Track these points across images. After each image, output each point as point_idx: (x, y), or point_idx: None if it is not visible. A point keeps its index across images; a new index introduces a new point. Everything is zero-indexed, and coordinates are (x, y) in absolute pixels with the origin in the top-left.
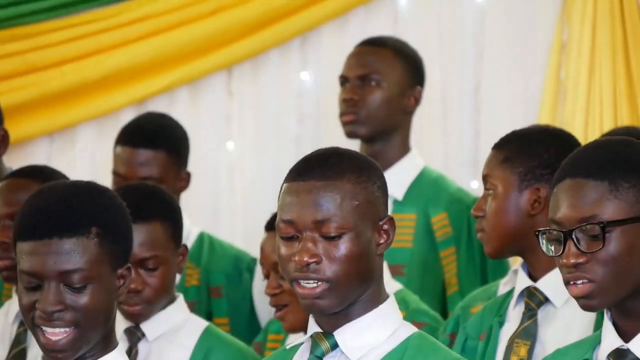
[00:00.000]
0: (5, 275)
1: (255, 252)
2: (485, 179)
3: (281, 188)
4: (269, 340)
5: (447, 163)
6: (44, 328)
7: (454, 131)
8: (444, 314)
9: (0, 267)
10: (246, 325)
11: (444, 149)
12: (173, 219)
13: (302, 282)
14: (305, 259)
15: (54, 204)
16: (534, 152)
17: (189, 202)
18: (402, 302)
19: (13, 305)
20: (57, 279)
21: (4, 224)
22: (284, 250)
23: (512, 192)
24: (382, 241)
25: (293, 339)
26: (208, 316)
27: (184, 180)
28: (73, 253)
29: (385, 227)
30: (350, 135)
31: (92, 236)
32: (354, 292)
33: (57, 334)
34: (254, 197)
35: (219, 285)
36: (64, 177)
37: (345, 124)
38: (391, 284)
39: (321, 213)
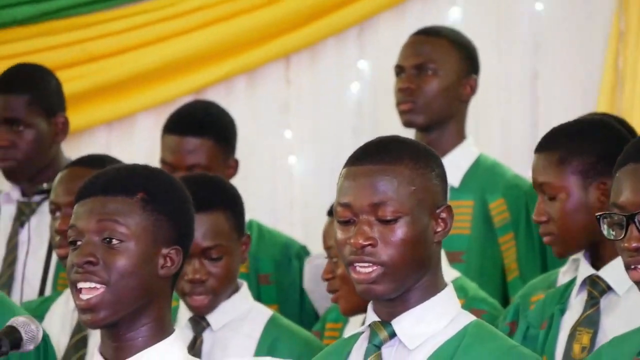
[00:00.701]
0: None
1: (313, 240)
2: (541, 186)
3: (341, 173)
4: (327, 329)
5: (505, 152)
6: (78, 285)
7: (512, 120)
8: (505, 300)
9: (61, 255)
10: (295, 313)
11: (502, 138)
12: (235, 209)
13: (358, 267)
14: (361, 241)
15: (108, 169)
16: (589, 147)
17: (246, 190)
18: (461, 290)
19: None
20: (95, 233)
21: (65, 213)
22: (340, 234)
23: (577, 193)
24: (439, 229)
25: (351, 328)
26: None
27: (232, 167)
28: (114, 209)
29: (443, 215)
30: (407, 124)
31: (136, 199)
32: (410, 278)
33: (88, 290)
34: (312, 185)
35: (267, 273)
36: None
37: (402, 113)
38: (449, 272)
39: (377, 196)
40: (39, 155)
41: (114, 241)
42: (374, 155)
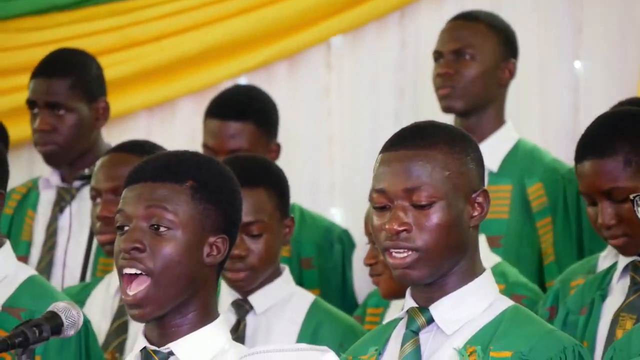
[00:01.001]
0: (108, 249)
1: (354, 224)
2: (609, 192)
3: (377, 159)
4: (368, 314)
5: (545, 137)
6: (124, 270)
7: (552, 105)
8: (541, 284)
9: (103, 241)
10: (337, 297)
11: (542, 123)
12: (279, 189)
13: (393, 252)
14: (395, 227)
15: (158, 155)
16: None
17: (288, 175)
18: (501, 275)
19: (114, 279)
20: (143, 219)
21: (106, 199)
22: (376, 220)
23: None
24: (475, 213)
25: (392, 313)
26: None
27: (274, 151)
28: (164, 196)
29: (479, 199)
30: (446, 109)
31: (185, 186)
32: (446, 264)
33: (135, 280)
34: (353, 170)
35: (310, 257)
36: (164, 150)
37: (441, 98)
38: (490, 257)
39: (411, 181)
40: (80, 140)
41: (162, 228)
42: (408, 140)
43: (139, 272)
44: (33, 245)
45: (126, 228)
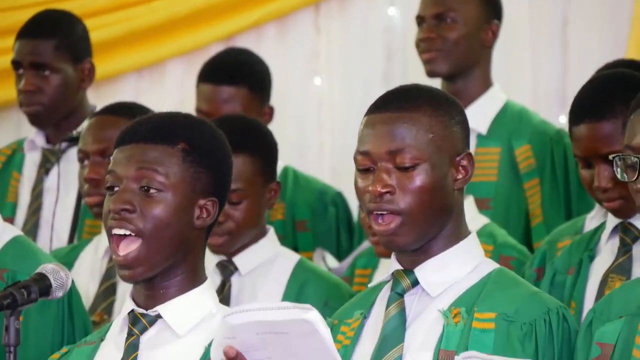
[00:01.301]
0: (96, 211)
1: (342, 187)
2: (607, 155)
3: (361, 122)
4: (356, 275)
5: (535, 98)
6: (113, 231)
7: (542, 66)
8: (529, 246)
9: (91, 203)
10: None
11: (532, 84)
12: (263, 154)
13: (378, 219)
14: (379, 188)
15: (150, 117)
16: None
17: (277, 137)
18: (490, 236)
19: (103, 241)
20: (133, 180)
21: (94, 161)
22: (360, 182)
23: None
24: (460, 176)
25: (380, 274)
26: (294, 250)
27: (267, 114)
28: (154, 158)
29: (464, 162)
30: (430, 74)
31: (177, 149)
32: (431, 228)
33: (125, 241)
34: (341, 132)
35: (304, 219)
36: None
37: (425, 62)
38: (478, 219)
39: (395, 143)
40: (65, 100)
41: (152, 190)
42: (393, 103)
43: (128, 232)
44: (18, 207)
45: (116, 189)
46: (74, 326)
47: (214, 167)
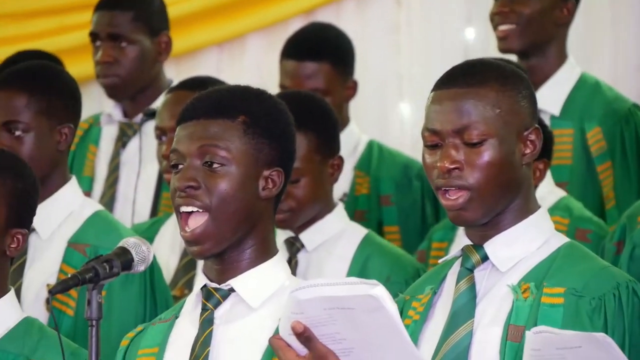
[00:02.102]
0: None
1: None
2: None
3: (428, 97)
4: (432, 249)
5: (616, 71)
6: (180, 209)
7: (624, 38)
8: None
9: (170, 179)
10: (417, 233)
11: (614, 57)
12: (318, 130)
13: (447, 194)
14: (447, 164)
15: (210, 91)
16: None
17: (358, 111)
18: (566, 210)
19: None
20: (197, 156)
21: (171, 137)
22: (428, 158)
23: None
24: (527, 151)
25: (457, 246)
26: (379, 224)
27: (351, 88)
28: (216, 133)
29: (532, 137)
30: (504, 50)
31: (238, 122)
32: (499, 202)
33: (193, 217)
34: (422, 106)
35: (388, 194)
36: None
37: (499, 38)
38: (555, 192)
39: (462, 120)
40: (141, 73)
41: (215, 165)
42: (459, 78)
43: (195, 209)
44: (95, 181)
45: (180, 166)
46: (156, 301)
47: (276, 137)
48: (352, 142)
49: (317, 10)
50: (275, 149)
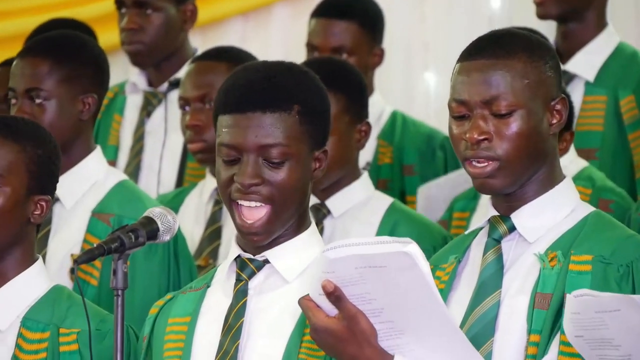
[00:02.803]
0: (199, 157)
1: (446, 131)
2: None
3: (454, 68)
4: (454, 219)
5: None
6: (240, 202)
7: None
8: (635, 198)
9: (194, 150)
10: None
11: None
12: (348, 93)
13: (473, 162)
14: (476, 136)
15: (258, 80)
16: None
17: (382, 80)
18: (588, 179)
19: (207, 185)
20: (256, 152)
21: (194, 108)
22: (455, 129)
23: None
24: (554, 121)
25: (478, 218)
26: (401, 194)
27: (378, 56)
28: (274, 127)
29: (558, 107)
30: (541, 16)
31: (293, 113)
32: (526, 172)
33: (253, 214)
34: (447, 75)
35: (411, 164)
36: (252, 57)
37: (537, 4)
38: (577, 161)
39: (491, 91)
40: (166, 40)
41: (275, 159)
42: (487, 49)
43: (258, 204)
44: (120, 150)
45: (240, 158)
46: (180, 271)
47: (324, 120)
48: (376, 112)
49: None
50: (323, 130)
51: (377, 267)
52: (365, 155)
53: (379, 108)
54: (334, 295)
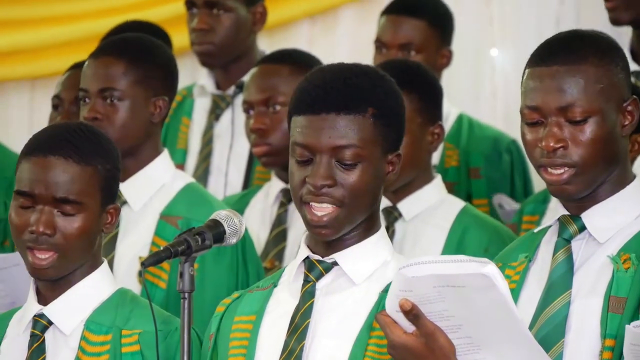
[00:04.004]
0: (264, 160)
1: (514, 131)
2: None
3: (524, 73)
4: (523, 222)
5: None
6: (311, 203)
7: None
8: None
9: (258, 153)
10: None
11: None
12: (421, 94)
13: (549, 169)
14: (552, 144)
15: (333, 81)
16: None
17: (449, 83)
18: None
19: (273, 187)
20: (329, 153)
21: (258, 111)
22: (529, 135)
23: None
24: (626, 122)
25: (549, 220)
26: (467, 197)
27: (446, 57)
28: (348, 129)
29: (630, 108)
30: (613, 22)
31: (367, 115)
32: (600, 176)
33: (323, 209)
34: (515, 77)
35: (478, 167)
36: (315, 60)
37: (608, 10)
38: None
39: (565, 98)
40: (235, 41)
41: (348, 161)
42: (559, 55)
43: (329, 206)
44: (189, 154)
45: (312, 159)
46: (248, 273)
47: (398, 123)
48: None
49: None
50: (397, 133)
51: (455, 286)
52: (432, 158)
53: (446, 110)
54: (412, 314)
